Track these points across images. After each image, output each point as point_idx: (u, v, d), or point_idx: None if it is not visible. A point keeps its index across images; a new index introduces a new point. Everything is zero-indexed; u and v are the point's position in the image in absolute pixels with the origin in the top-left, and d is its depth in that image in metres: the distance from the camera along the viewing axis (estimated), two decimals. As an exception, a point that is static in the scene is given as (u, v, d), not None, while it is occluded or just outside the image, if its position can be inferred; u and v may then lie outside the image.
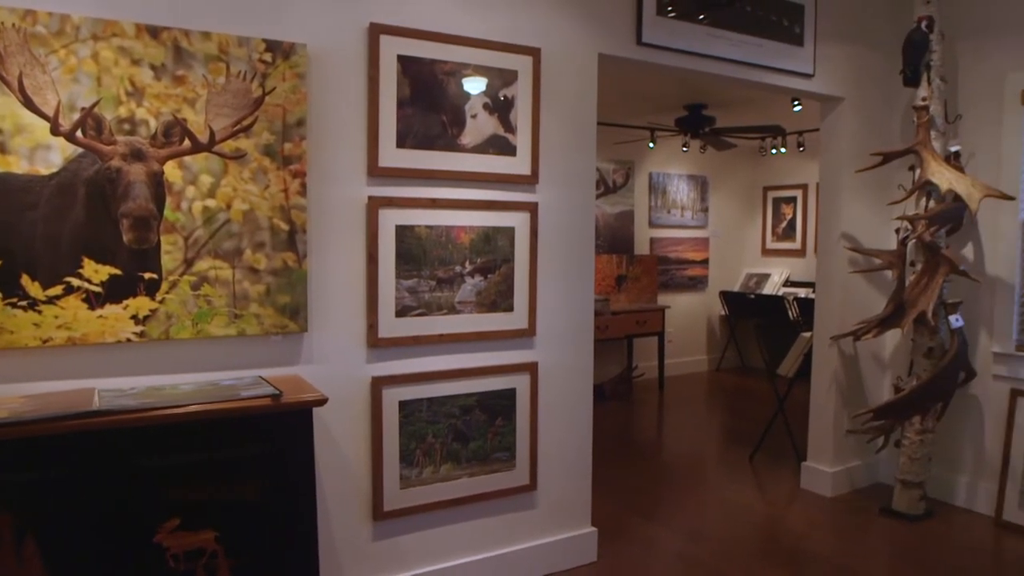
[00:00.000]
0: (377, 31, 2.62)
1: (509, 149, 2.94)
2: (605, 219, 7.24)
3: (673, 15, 3.30)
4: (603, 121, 3.83)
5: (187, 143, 2.29)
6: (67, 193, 2.14)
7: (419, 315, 2.80)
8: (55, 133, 2.11)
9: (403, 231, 2.74)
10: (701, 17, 3.38)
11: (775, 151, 7.56)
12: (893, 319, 3.77)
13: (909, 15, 3.78)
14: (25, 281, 2.10)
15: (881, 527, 3.75)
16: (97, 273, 2.19)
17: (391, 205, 2.71)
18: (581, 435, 3.27)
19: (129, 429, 1.97)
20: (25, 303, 2.10)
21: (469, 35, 2.81)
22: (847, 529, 3.72)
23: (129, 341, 2.25)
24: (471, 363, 2.94)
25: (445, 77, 2.77)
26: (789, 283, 7.84)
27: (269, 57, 2.40)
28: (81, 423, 1.89)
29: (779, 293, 7.61)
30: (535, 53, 2.95)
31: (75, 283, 2.17)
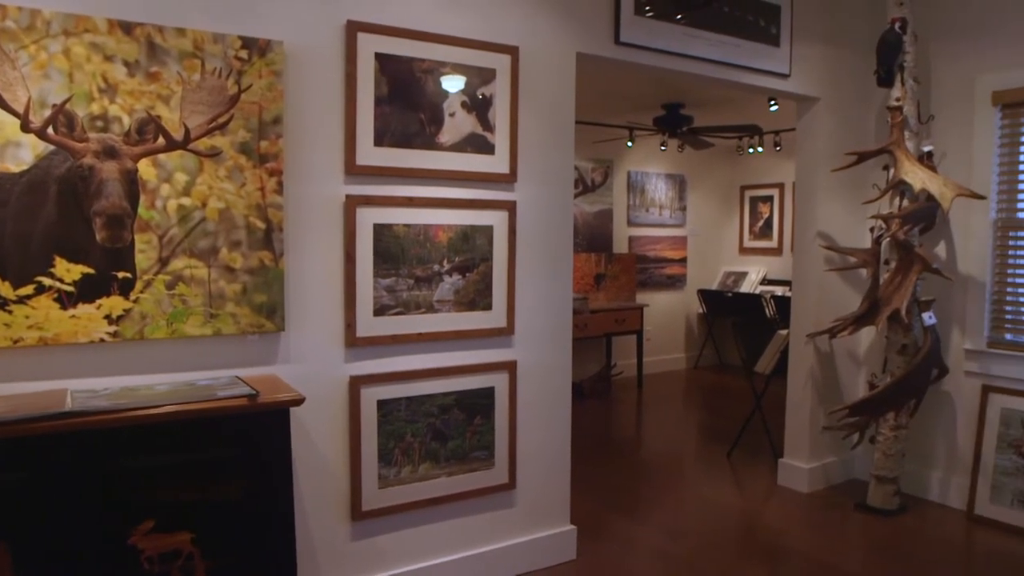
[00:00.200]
0: (355, 28, 2.61)
1: (487, 147, 2.94)
2: (584, 218, 7.26)
3: (651, 15, 3.32)
4: (581, 120, 3.84)
5: (161, 140, 2.26)
6: (38, 191, 2.11)
7: (397, 314, 2.79)
8: (25, 130, 2.07)
9: (381, 229, 2.73)
10: (679, 17, 3.40)
11: (752, 150, 7.61)
12: (868, 317, 3.81)
13: (884, 16, 3.83)
14: (-5, 280, 2.07)
15: (856, 522, 3.79)
16: (69, 272, 2.16)
17: (369, 203, 2.69)
18: (560, 433, 3.27)
19: (103, 430, 1.94)
20: (-5, 303, 2.07)
21: (447, 33, 2.81)
22: (823, 524, 3.77)
23: (103, 341, 2.22)
24: (449, 362, 2.93)
25: (423, 75, 2.77)
26: (766, 281, 7.92)
27: (245, 54, 2.38)
28: (53, 424, 1.87)
29: (756, 291, 7.67)
30: (513, 52, 2.95)
31: (47, 282, 2.13)
